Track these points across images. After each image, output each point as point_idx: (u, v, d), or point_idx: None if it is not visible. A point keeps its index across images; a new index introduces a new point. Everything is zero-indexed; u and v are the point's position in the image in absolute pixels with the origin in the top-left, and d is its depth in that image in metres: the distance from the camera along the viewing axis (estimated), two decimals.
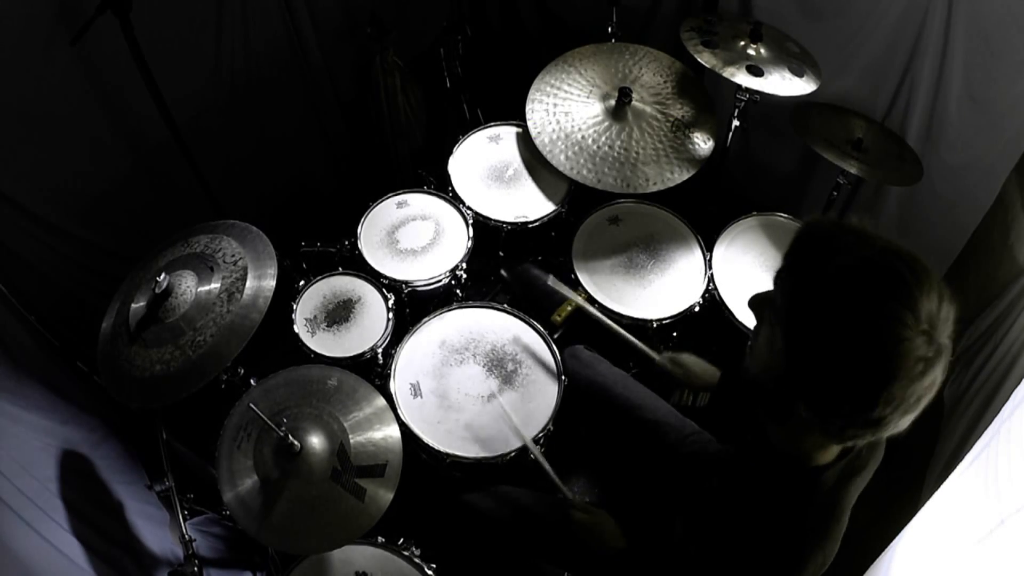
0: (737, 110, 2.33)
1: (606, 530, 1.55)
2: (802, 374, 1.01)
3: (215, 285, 1.64)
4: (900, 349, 0.91)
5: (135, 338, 1.62)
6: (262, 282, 1.64)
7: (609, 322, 1.97)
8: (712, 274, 2.12)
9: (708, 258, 2.15)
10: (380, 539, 1.69)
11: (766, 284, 1.08)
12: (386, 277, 2.10)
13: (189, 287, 1.63)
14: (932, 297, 0.93)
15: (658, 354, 1.85)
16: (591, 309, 2.01)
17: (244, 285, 1.63)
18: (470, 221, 2.21)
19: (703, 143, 2.22)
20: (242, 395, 1.74)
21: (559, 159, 2.20)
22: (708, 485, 1.39)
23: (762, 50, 2.18)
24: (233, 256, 1.70)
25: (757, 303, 1.14)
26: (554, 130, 2.26)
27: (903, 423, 0.98)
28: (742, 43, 2.20)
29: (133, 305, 1.66)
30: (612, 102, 2.26)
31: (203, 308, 1.61)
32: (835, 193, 2.29)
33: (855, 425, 1.00)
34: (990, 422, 1.45)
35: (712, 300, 2.11)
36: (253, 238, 1.75)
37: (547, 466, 1.69)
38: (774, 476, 1.17)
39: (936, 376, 0.95)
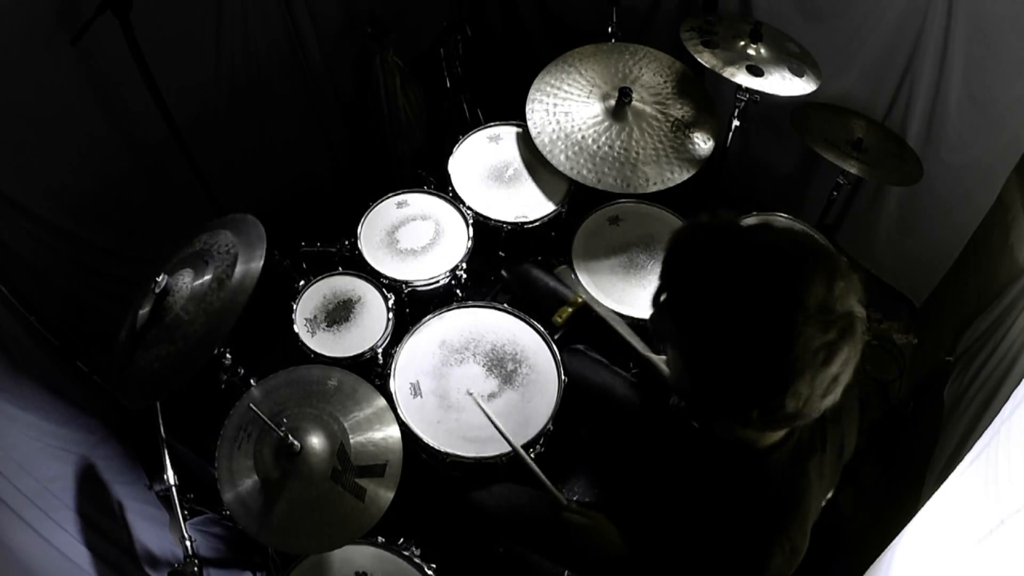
0: (737, 110, 2.33)
1: (603, 533, 1.51)
2: (706, 389, 0.99)
3: (208, 276, 1.62)
4: (791, 349, 0.88)
5: (139, 342, 1.61)
6: (250, 264, 1.60)
7: (612, 322, 1.94)
8: None
9: None
10: (380, 539, 1.69)
11: None
12: (386, 277, 2.10)
13: (185, 283, 1.62)
14: (817, 280, 0.88)
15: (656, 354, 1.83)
16: (594, 306, 1.98)
17: (233, 271, 1.59)
18: (470, 221, 2.21)
19: (703, 143, 2.22)
20: (242, 395, 1.74)
21: (559, 159, 2.20)
22: (675, 475, 1.38)
23: (762, 50, 2.18)
24: (227, 246, 1.67)
25: (654, 322, 1.08)
26: (554, 130, 2.26)
27: (826, 404, 0.96)
28: (742, 43, 2.20)
29: (140, 311, 1.65)
30: (612, 102, 2.26)
31: (197, 300, 1.59)
32: (835, 193, 2.29)
33: (775, 421, 0.98)
34: (990, 422, 1.45)
35: None
36: (247, 227, 1.71)
37: (536, 469, 1.64)
38: (725, 462, 1.16)
39: (847, 354, 0.91)
